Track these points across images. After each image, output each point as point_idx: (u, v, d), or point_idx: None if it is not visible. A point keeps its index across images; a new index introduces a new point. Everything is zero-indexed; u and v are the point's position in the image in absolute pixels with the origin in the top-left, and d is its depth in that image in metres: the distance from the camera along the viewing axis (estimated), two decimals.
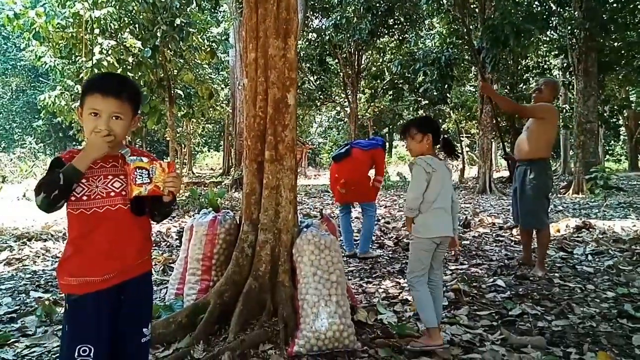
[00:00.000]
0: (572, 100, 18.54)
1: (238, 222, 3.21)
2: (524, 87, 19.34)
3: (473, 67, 17.65)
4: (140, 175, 1.51)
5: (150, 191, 1.54)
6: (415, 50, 16.65)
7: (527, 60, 18.19)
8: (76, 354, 1.49)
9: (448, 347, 2.58)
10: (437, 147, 2.81)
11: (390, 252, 5.24)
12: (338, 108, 26.01)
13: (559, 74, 21.44)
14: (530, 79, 18.80)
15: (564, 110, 18.87)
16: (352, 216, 5.20)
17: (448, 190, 2.70)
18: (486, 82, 4.29)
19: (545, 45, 17.46)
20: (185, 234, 3.34)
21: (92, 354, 1.50)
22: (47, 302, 3.34)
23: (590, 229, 5.89)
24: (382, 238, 5.98)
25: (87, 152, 1.51)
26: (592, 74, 12.86)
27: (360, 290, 3.80)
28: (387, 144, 5.74)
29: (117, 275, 1.59)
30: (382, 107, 23.11)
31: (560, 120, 19.30)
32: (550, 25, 13.52)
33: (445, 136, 2.86)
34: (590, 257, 4.66)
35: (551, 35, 16.25)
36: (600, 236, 5.50)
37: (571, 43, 13.32)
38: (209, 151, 39.48)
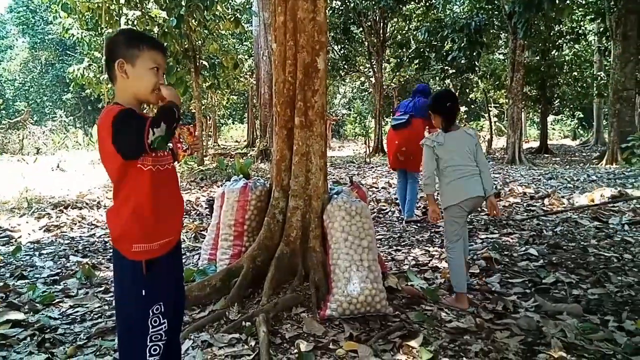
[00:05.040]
0: (607, 67, 17.71)
1: (268, 189, 3.22)
2: (557, 54, 18.54)
3: (503, 34, 16.99)
4: (181, 141, 1.54)
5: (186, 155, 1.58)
6: (443, 17, 16.08)
7: (560, 26, 17.33)
8: (151, 313, 1.53)
9: (472, 312, 2.68)
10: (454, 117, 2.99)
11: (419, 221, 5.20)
12: (362, 78, 25.53)
13: (594, 40, 20.46)
14: (564, 45, 17.98)
15: (599, 78, 18.09)
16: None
17: (464, 155, 2.84)
18: None
19: (580, 9, 16.59)
20: (217, 201, 3.37)
21: (162, 310, 1.55)
22: (86, 266, 3.48)
23: (627, 199, 5.70)
24: None
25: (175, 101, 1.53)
26: (632, 39, 12.21)
27: (390, 258, 3.81)
28: (431, 90, 5.65)
29: (179, 231, 1.70)
30: (407, 76, 22.52)
31: (595, 89, 18.55)
32: None
33: (448, 104, 2.97)
34: (627, 227, 4.53)
35: None
36: (638, 206, 5.33)
37: (609, 5, 12.63)
38: (233, 123, 39.61)
